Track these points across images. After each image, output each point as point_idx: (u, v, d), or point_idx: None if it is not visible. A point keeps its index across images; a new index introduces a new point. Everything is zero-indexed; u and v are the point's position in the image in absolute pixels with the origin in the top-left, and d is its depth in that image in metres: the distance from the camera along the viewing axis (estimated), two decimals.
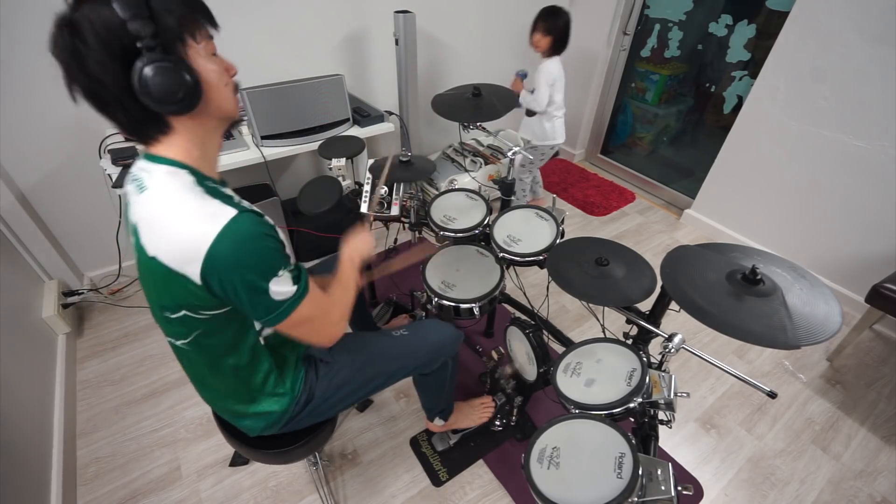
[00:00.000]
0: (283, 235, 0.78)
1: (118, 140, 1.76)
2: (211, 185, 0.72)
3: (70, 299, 1.93)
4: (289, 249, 0.80)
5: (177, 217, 0.65)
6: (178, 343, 0.82)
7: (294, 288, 0.74)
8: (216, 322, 0.77)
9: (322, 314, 0.82)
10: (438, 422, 1.45)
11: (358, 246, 1.03)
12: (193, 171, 0.71)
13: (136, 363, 1.82)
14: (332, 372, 1.03)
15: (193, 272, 0.66)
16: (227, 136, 1.85)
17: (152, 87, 0.59)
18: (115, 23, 0.57)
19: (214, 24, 0.69)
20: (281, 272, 0.71)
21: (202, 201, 0.67)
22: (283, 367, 0.95)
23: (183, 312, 0.74)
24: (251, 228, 0.67)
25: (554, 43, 2.11)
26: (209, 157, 0.76)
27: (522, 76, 2.25)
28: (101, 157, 1.73)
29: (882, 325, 2.02)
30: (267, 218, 0.73)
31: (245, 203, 0.73)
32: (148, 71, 0.59)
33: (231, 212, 0.66)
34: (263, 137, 1.83)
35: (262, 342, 0.88)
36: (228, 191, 0.77)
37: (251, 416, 0.94)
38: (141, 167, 0.72)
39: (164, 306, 0.75)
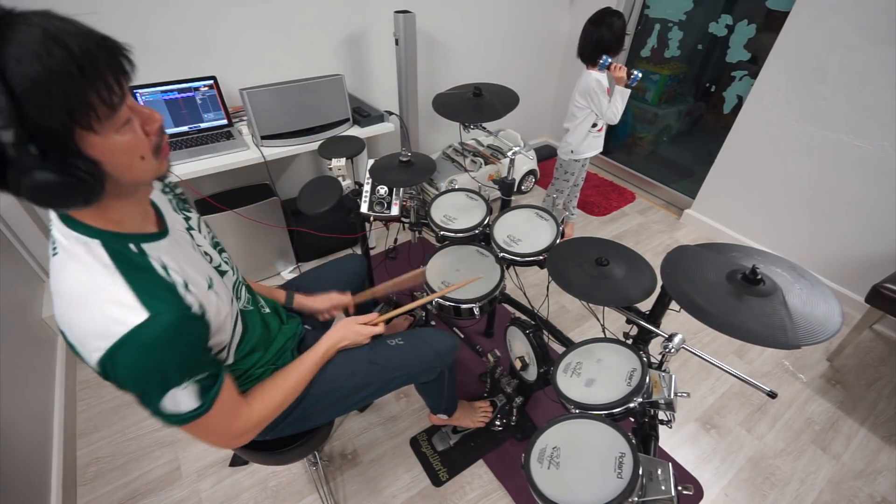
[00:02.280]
0: (224, 313, 0.72)
1: None
2: (131, 251, 0.63)
3: None
4: (222, 316, 0.72)
5: (82, 303, 0.58)
6: None
7: (193, 405, 0.65)
8: None
9: (217, 429, 0.72)
10: (442, 416, 1.45)
11: (344, 334, 1.00)
12: (109, 239, 0.61)
13: None
14: (325, 375, 1.00)
15: (92, 364, 0.60)
16: (227, 136, 1.86)
17: (33, 197, 0.51)
18: None
19: (128, 77, 0.54)
20: (182, 386, 0.63)
21: (111, 289, 0.58)
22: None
23: None
24: (159, 336, 0.59)
25: None
26: (132, 216, 0.65)
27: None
28: None
29: (882, 325, 2.02)
30: (193, 312, 0.64)
31: (172, 282, 0.63)
32: (23, 181, 0.49)
33: (140, 314, 0.57)
34: (263, 137, 1.83)
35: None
36: (158, 249, 0.66)
37: None
38: (56, 227, 0.61)
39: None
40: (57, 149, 0.50)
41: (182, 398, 0.64)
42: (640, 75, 1.78)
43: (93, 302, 0.58)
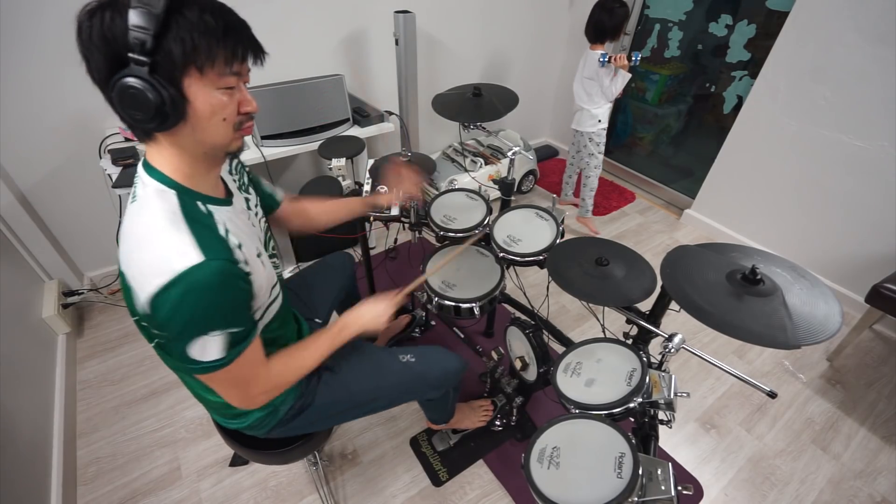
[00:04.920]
0: (264, 282, 0.77)
1: (118, 140, 1.76)
2: (199, 209, 0.70)
3: (70, 299, 1.93)
4: (263, 284, 0.77)
5: (147, 243, 0.65)
6: (154, 344, 0.79)
7: (219, 355, 0.69)
8: None
9: (237, 386, 0.76)
10: (440, 423, 1.45)
11: (366, 318, 0.96)
12: (183, 192, 0.69)
13: (136, 363, 1.82)
14: (335, 383, 1.02)
15: (141, 300, 0.64)
16: None
17: (121, 98, 0.59)
18: (119, 28, 0.56)
19: (257, 59, 0.68)
20: (214, 334, 0.67)
21: (176, 233, 0.64)
22: None
23: (144, 323, 0.72)
24: (208, 280, 0.64)
25: None
26: (202, 176, 0.73)
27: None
28: (101, 157, 1.73)
29: (882, 325, 2.02)
30: (241, 267, 0.70)
31: (229, 241, 0.70)
32: (122, 82, 0.58)
33: (196, 257, 0.63)
34: (263, 137, 1.83)
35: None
36: (222, 213, 0.73)
37: (234, 416, 0.93)
38: (139, 174, 0.71)
39: (133, 313, 0.72)
40: (163, 73, 0.59)
41: (211, 347, 0.68)
42: (639, 55, 1.94)
43: (156, 241, 0.64)
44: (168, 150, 0.68)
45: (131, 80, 0.58)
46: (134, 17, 0.55)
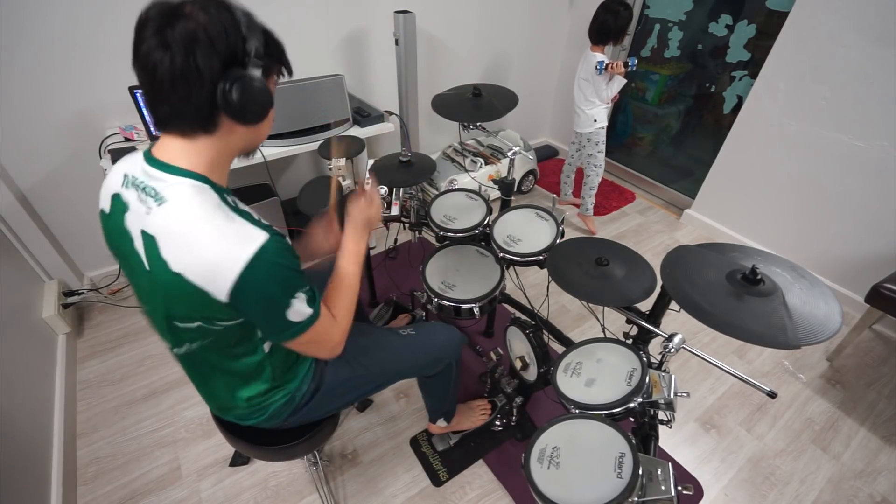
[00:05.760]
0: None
1: (118, 140, 1.76)
2: (229, 200, 0.73)
3: (70, 299, 1.93)
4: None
5: (209, 236, 0.66)
6: (185, 349, 0.82)
7: (309, 311, 0.76)
8: (229, 330, 0.78)
9: (327, 335, 0.84)
10: (441, 423, 1.45)
11: (358, 216, 0.98)
12: (215, 187, 0.71)
13: (136, 363, 1.82)
14: (341, 363, 1.03)
15: (221, 290, 0.67)
16: None
17: (247, 92, 0.66)
18: (236, 30, 0.65)
19: (288, 74, 0.81)
20: (299, 293, 0.74)
21: (231, 222, 0.68)
22: (290, 359, 0.95)
23: (198, 323, 0.75)
24: (279, 253, 0.70)
25: None
26: (225, 171, 0.78)
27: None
28: (101, 157, 1.73)
29: (882, 325, 2.02)
30: (287, 239, 0.75)
31: (264, 222, 0.75)
32: (249, 77, 0.66)
33: (262, 236, 0.69)
34: None
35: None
36: (244, 206, 0.77)
37: (255, 409, 0.94)
38: (150, 174, 0.70)
39: (176, 317, 0.75)
40: (265, 74, 0.70)
41: (302, 307, 0.75)
42: (635, 61, 1.99)
43: (219, 233, 0.67)
44: (212, 146, 0.71)
45: (255, 79, 0.67)
46: (247, 27, 0.66)
